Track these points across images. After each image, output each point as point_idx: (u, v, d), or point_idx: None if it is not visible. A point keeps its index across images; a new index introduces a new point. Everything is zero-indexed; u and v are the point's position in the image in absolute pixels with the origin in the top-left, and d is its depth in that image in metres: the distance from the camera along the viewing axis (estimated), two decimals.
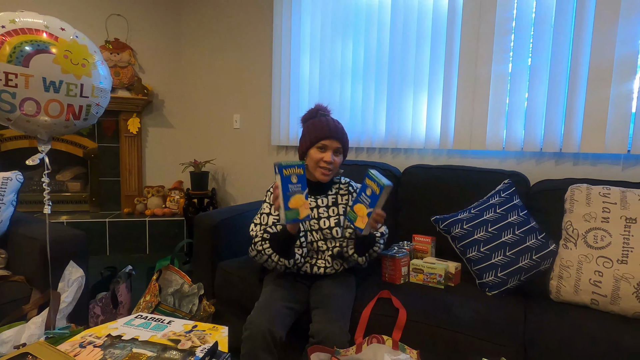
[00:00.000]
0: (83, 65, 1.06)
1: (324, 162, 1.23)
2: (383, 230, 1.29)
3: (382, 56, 1.98)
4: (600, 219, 1.20)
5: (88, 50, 1.10)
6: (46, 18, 1.05)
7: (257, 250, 1.20)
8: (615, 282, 1.11)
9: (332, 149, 1.23)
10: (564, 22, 1.49)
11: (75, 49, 1.04)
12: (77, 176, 3.15)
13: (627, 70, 1.38)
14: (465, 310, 1.12)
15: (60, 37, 1.03)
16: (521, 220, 1.33)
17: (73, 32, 1.09)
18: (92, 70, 1.09)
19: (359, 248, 1.24)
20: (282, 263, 1.18)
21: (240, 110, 2.80)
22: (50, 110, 1.03)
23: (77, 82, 1.05)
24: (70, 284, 1.14)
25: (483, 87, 1.68)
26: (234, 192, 2.91)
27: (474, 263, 1.32)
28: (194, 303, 1.52)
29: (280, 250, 1.17)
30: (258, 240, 1.20)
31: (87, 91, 1.09)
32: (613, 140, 1.42)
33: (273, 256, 1.18)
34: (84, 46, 1.08)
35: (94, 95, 1.11)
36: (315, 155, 1.23)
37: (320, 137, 1.23)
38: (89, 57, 1.09)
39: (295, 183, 1.05)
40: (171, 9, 3.12)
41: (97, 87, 1.12)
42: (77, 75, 1.05)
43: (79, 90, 1.06)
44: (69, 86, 1.04)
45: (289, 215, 1.04)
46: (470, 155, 1.80)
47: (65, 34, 1.06)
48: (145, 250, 2.91)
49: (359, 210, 1.11)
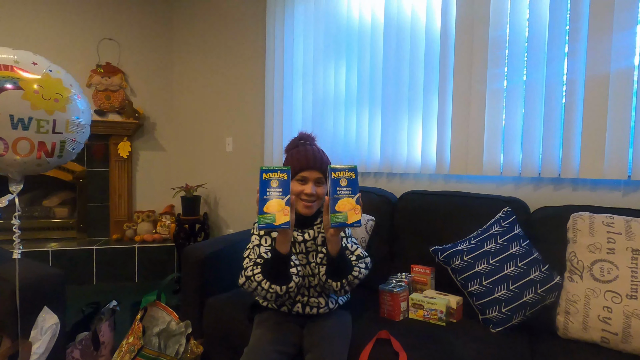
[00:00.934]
0: (56, 100, 1.01)
1: (305, 195, 1.16)
2: (359, 253, 1.16)
3: (376, 79, 1.97)
4: (606, 250, 1.14)
5: (62, 84, 1.05)
6: (18, 52, 1.01)
7: (246, 276, 1.10)
8: (625, 318, 1.05)
9: (313, 179, 1.17)
10: (558, 39, 1.47)
11: (47, 83, 0.99)
12: (64, 201, 3.06)
13: (623, 88, 1.35)
14: (469, 352, 1.05)
15: (30, 72, 0.98)
16: (523, 251, 1.27)
17: (47, 65, 1.05)
18: (67, 105, 1.04)
19: (332, 272, 1.11)
20: (273, 290, 1.06)
21: (232, 134, 2.77)
22: (19, 148, 0.97)
23: (49, 118, 1.00)
24: (43, 332, 1.06)
25: (478, 108, 1.66)
26: (226, 217, 2.83)
27: (477, 297, 1.26)
28: (181, 343, 1.43)
29: (272, 276, 1.07)
30: (249, 265, 1.11)
31: (61, 127, 1.04)
32: (612, 165, 1.38)
33: (263, 283, 1.07)
34: (57, 80, 1.03)
35: (69, 131, 1.05)
36: (296, 188, 1.17)
37: (298, 169, 1.17)
38: (63, 92, 1.04)
39: (275, 187, 1.00)
40: (163, 33, 3.13)
41: (72, 122, 1.06)
42: (48, 111, 0.99)
43: (51, 126, 1.01)
44: (39, 122, 0.99)
45: (262, 220, 0.97)
46: (467, 180, 1.76)
47: (37, 68, 1.01)
48: (134, 278, 2.80)
49: (344, 205, 1.00)
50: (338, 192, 1.00)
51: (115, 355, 1.38)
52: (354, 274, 1.11)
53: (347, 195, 1.00)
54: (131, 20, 3.04)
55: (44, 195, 3.03)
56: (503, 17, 1.60)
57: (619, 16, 1.35)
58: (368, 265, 1.17)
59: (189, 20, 3.02)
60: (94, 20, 2.95)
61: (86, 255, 2.71)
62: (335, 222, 0.99)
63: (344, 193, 1.00)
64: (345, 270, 1.11)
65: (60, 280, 1.20)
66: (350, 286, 1.13)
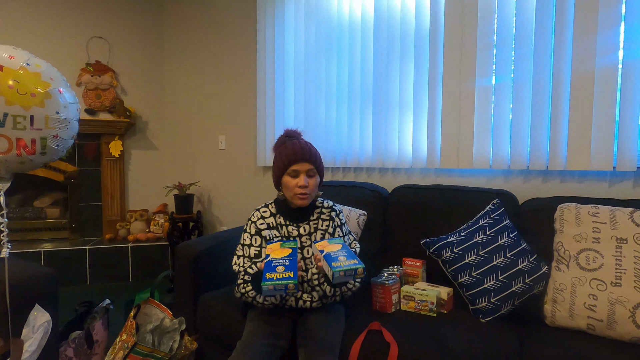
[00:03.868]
0: (32, 94, 0.98)
1: (298, 188, 1.18)
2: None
3: (367, 75, 1.98)
4: (591, 240, 1.17)
5: (40, 78, 1.01)
6: None
7: (241, 292, 1.16)
8: (610, 305, 1.08)
9: (304, 171, 1.19)
10: (544, 36, 1.50)
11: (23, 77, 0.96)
12: (56, 202, 3.03)
13: (608, 83, 1.38)
14: (459, 342, 1.07)
15: (5, 66, 0.95)
16: (512, 242, 1.29)
17: (25, 59, 1.01)
18: (46, 100, 1.01)
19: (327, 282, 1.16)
20: (269, 302, 1.14)
21: (225, 131, 2.76)
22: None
23: (26, 114, 0.97)
24: (35, 330, 1.05)
25: (467, 102, 1.68)
26: (220, 215, 2.83)
27: (466, 288, 1.27)
28: (175, 339, 1.43)
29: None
30: (240, 282, 1.16)
31: (40, 123, 1.01)
32: (598, 157, 1.41)
33: (258, 297, 1.13)
34: (35, 74, 1.00)
35: (49, 127, 1.03)
36: (289, 182, 1.19)
37: (288, 163, 1.18)
38: (41, 86, 1.00)
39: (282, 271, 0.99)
40: (153, 31, 3.10)
41: (52, 118, 1.03)
42: (24, 107, 0.97)
43: (28, 122, 0.98)
44: (15, 119, 0.96)
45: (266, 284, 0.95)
46: (457, 174, 1.78)
47: (14, 62, 0.98)
48: (127, 277, 2.79)
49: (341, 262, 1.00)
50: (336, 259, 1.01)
51: (109, 353, 1.38)
52: (348, 286, 1.17)
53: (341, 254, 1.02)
54: (121, 18, 3.01)
55: (35, 196, 3.00)
56: (491, 14, 1.61)
57: (604, 14, 1.37)
58: (363, 279, 1.20)
59: (180, 18, 3.00)
60: (82, 18, 2.92)
61: (79, 256, 2.70)
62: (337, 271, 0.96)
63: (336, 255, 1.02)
64: (340, 285, 1.16)
65: (52, 279, 1.19)
66: (342, 296, 1.19)
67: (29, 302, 1.10)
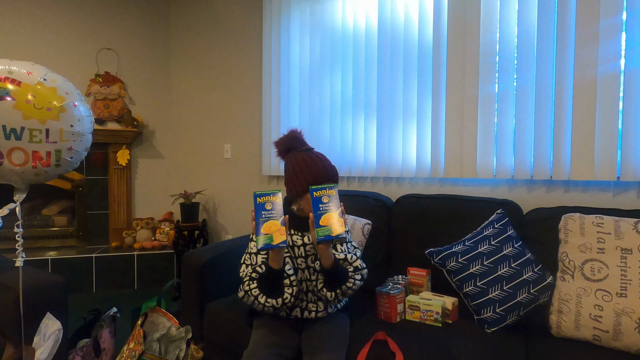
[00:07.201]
0: (48, 109, 1.02)
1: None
2: (358, 265, 1.19)
3: (371, 86, 2.01)
4: (596, 250, 1.17)
5: (56, 93, 1.06)
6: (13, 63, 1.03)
7: (244, 290, 1.14)
8: (616, 316, 1.08)
9: None
10: (546, 45, 1.51)
11: (40, 93, 1.01)
12: (63, 210, 3.07)
13: (610, 91, 1.38)
14: (465, 353, 1.07)
15: (23, 82, 1.00)
16: (516, 252, 1.30)
17: (43, 74, 1.06)
18: (61, 114, 1.05)
19: (326, 282, 1.15)
20: (270, 304, 1.11)
21: (231, 140, 2.80)
22: (15, 158, 0.99)
23: (42, 127, 1.02)
24: (46, 338, 1.07)
25: (471, 113, 1.70)
26: (225, 223, 2.85)
27: (471, 298, 1.28)
28: (181, 348, 1.44)
29: (267, 290, 1.11)
30: (246, 279, 1.15)
31: (55, 136, 1.05)
32: (602, 167, 1.42)
33: (260, 297, 1.12)
34: (51, 89, 1.05)
35: (64, 140, 1.07)
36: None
37: (320, 182, 1.17)
38: (57, 100, 1.05)
39: (270, 210, 1.06)
40: (161, 42, 3.17)
41: (67, 131, 1.08)
42: (41, 120, 1.01)
43: (44, 135, 1.02)
44: (32, 132, 1.01)
45: (260, 240, 1.03)
46: (461, 184, 1.79)
47: (31, 77, 1.03)
48: (133, 285, 2.81)
49: (327, 220, 1.06)
50: (320, 208, 1.06)
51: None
52: (348, 284, 1.15)
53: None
54: (129, 30, 3.08)
55: (44, 204, 3.04)
56: (493, 24, 1.64)
57: (605, 22, 1.39)
58: (364, 277, 1.20)
59: (187, 30, 3.06)
60: (92, 31, 2.99)
61: (86, 263, 2.72)
62: (320, 235, 1.05)
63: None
64: (340, 281, 1.15)
65: (62, 287, 1.22)
66: (344, 295, 1.17)
67: (40, 309, 1.12)
